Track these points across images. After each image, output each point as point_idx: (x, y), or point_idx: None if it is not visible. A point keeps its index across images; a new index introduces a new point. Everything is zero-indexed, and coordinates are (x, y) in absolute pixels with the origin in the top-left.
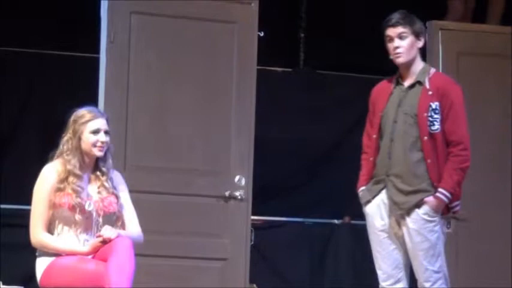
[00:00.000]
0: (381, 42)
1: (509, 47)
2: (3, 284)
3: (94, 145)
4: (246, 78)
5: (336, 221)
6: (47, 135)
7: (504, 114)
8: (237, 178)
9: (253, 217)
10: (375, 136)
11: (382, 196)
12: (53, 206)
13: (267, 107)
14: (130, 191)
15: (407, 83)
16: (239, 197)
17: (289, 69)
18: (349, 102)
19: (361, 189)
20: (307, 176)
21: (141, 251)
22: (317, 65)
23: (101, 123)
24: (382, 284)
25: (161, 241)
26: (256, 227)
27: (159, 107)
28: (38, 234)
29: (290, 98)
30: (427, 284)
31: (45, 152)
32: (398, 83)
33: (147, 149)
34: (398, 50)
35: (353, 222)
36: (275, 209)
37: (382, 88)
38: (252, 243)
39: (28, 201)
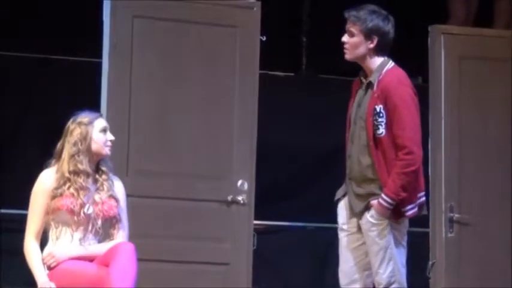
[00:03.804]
0: None
1: (511, 51)
2: None
3: (105, 144)
4: (248, 83)
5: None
6: (48, 139)
7: (506, 117)
8: (239, 182)
9: (255, 221)
10: (347, 135)
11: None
12: (51, 211)
13: (269, 111)
14: (133, 196)
15: (365, 82)
16: (241, 202)
17: (292, 74)
18: None
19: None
20: (310, 181)
21: (144, 255)
22: (319, 69)
23: (105, 121)
24: (340, 283)
25: (163, 246)
26: (258, 232)
27: (162, 112)
28: (27, 242)
29: (292, 102)
30: None
31: (46, 157)
32: (362, 81)
33: (149, 154)
34: (344, 46)
35: None
36: (277, 213)
37: (356, 84)
38: (254, 247)
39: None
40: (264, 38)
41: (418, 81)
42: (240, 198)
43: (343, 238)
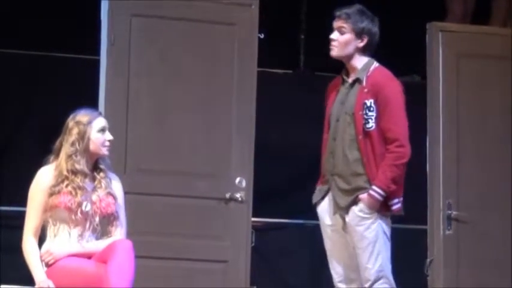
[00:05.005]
0: (381, 44)
1: (510, 49)
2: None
3: (103, 145)
4: (246, 80)
5: None
6: (47, 137)
7: (504, 115)
8: (237, 180)
9: (253, 219)
10: (326, 135)
11: (330, 195)
12: (49, 208)
13: (267, 108)
14: (131, 193)
15: (350, 80)
16: (240, 199)
17: (290, 71)
18: None
19: (316, 189)
20: (308, 178)
21: (141, 253)
22: (317, 67)
23: (104, 121)
24: (337, 284)
25: (162, 243)
26: (256, 229)
27: (160, 109)
28: (25, 239)
29: (290, 100)
30: (367, 284)
31: (45, 154)
32: (344, 80)
33: (147, 152)
34: (332, 43)
35: None
36: (276, 210)
37: (333, 85)
38: (253, 245)
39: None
40: (262, 36)
41: (415, 78)
42: (238, 195)
43: (331, 237)
